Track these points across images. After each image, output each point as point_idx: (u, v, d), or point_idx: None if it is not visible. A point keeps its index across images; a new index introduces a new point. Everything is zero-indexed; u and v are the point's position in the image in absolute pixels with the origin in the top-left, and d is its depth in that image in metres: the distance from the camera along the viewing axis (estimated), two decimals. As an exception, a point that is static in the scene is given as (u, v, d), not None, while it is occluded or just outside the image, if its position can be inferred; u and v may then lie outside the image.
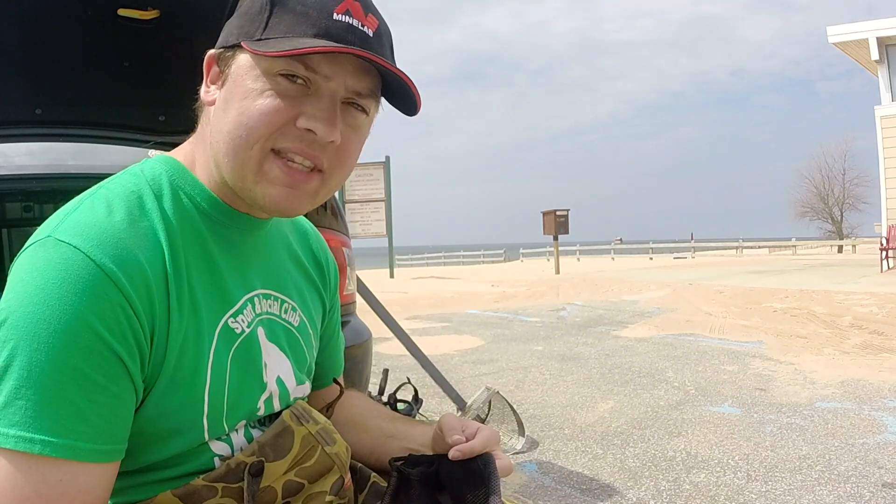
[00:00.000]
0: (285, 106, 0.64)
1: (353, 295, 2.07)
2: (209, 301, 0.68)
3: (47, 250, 0.59)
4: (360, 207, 12.56)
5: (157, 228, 0.65)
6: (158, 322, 0.62)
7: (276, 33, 0.64)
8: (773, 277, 11.55)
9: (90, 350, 0.57)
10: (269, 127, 0.64)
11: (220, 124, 0.67)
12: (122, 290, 0.59)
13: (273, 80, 0.64)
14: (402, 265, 29.39)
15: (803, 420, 3.34)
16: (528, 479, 2.67)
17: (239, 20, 0.68)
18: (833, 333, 5.76)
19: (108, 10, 1.83)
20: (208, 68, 0.70)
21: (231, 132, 0.65)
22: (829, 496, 2.39)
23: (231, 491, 0.66)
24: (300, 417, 0.73)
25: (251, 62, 0.65)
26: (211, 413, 0.67)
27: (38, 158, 2.70)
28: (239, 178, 0.67)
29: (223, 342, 0.69)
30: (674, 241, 37.23)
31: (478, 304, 9.60)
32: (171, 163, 0.72)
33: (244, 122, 0.64)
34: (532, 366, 4.96)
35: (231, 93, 0.66)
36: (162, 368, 0.63)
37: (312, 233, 0.92)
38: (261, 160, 0.65)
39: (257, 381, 0.72)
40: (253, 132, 0.64)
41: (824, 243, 29.49)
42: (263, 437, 0.70)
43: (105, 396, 0.57)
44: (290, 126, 0.65)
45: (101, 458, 0.58)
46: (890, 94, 16.02)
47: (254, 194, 0.67)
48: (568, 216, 15.78)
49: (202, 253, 0.69)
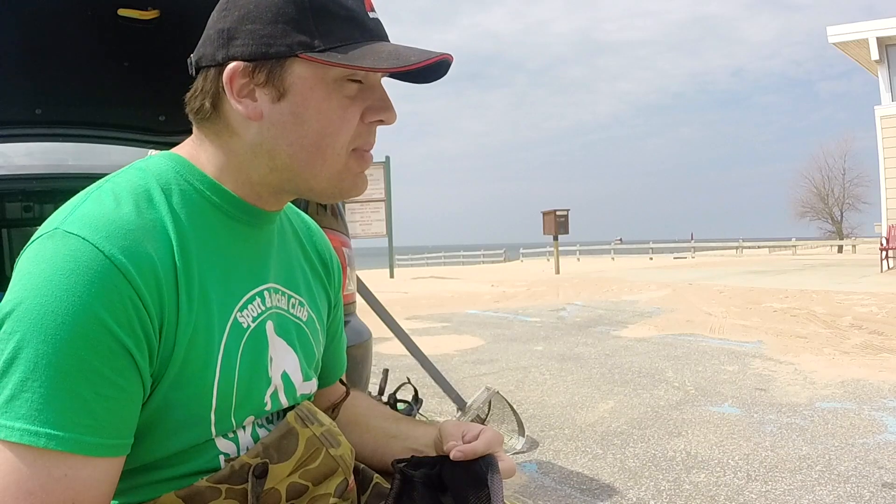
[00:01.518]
0: (356, 107, 0.68)
1: (353, 295, 2.07)
2: (219, 295, 0.68)
3: (55, 242, 0.59)
4: (360, 207, 12.55)
5: (166, 221, 0.64)
6: (168, 315, 0.62)
7: (337, 41, 0.65)
8: (773, 277, 11.55)
9: (98, 342, 0.56)
10: (352, 131, 0.68)
11: (293, 136, 0.67)
12: (131, 283, 0.58)
13: (342, 86, 0.67)
14: (402, 265, 29.39)
15: (803, 420, 3.34)
16: (528, 479, 2.67)
17: (271, 27, 0.64)
18: (833, 333, 5.77)
19: (108, 10, 1.82)
20: (231, 81, 0.66)
21: (316, 143, 0.67)
22: (829, 496, 2.39)
23: (235, 492, 0.66)
24: (305, 419, 0.73)
25: (317, 73, 0.65)
26: (219, 407, 0.66)
27: (38, 158, 2.70)
28: (324, 179, 0.69)
29: (233, 336, 0.68)
30: (674, 241, 37.25)
31: (478, 304, 9.60)
32: (176, 158, 0.71)
33: (330, 132, 0.67)
34: (532, 366, 4.96)
35: (302, 105, 0.66)
36: (170, 362, 0.62)
37: (316, 229, 0.92)
38: (347, 160, 0.69)
39: (263, 375, 0.72)
40: (339, 139, 0.67)
41: (824, 243, 29.48)
42: (268, 439, 0.70)
43: (112, 390, 0.57)
44: (362, 125, 0.69)
45: (107, 453, 0.57)
46: (890, 94, 16.02)
47: (339, 189, 0.71)
48: (568, 216, 15.79)
49: (212, 246, 0.68)
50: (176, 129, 2.26)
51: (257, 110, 0.66)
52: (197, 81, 0.70)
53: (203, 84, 0.69)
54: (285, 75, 0.65)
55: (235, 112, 0.67)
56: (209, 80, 0.68)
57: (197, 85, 0.70)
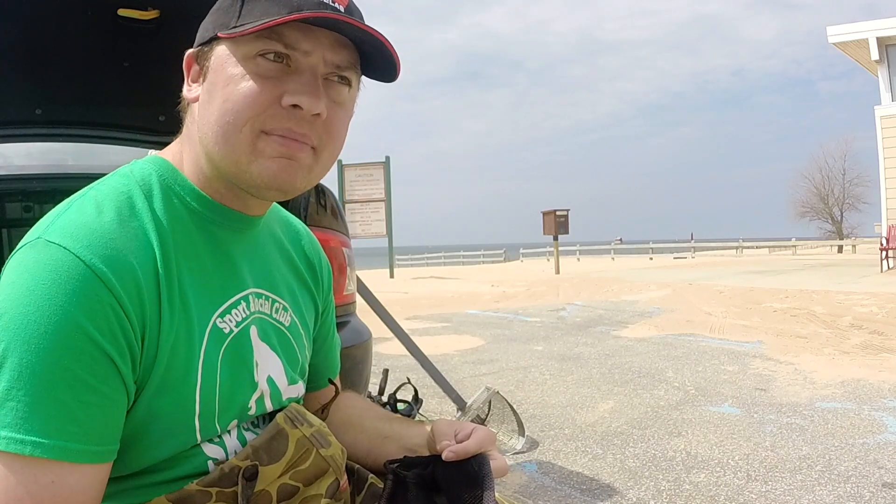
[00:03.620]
0: (268, 86, 0.65)
1: (353, 295, 2.06)
2: (200, 300, 0.68)
3: (37, 252, 0.59)
4: (360, 207, 12.56)
5: (148, 229, 0.65)
6: (149, 322, 0.62)
7: (251, 18, 0.65)
8: (773, 277, 11.55)
9: (81, 351, 0.56)
10: (255, 108, 0.64)
11: (206, 115, 0.67)
12: (112, 291, 0.59)
13: (253, 63, 0.65)
14: (402, 265, 29.38)
15: (803, 420, 3.34)
16: (528, 479, 2.67)
17: (212, 16, 0.70)
18: (833, 333, 5.76)
19: (108, 10, 1.82)
20: (188, 68, 0.72)
21: (219, 119, 0.66)
22: (829, 496, 2.39)
23: (225, 495, 0.66)
24: (294, 420, 0.73)
25: (228, 50, 0.67)
26: (202, 413, 0.67)
27: (37, 158, 2.70)
28: (232, 163, 0.67)
29: (213, 342, 0.69)
30: (674, 241, 37.23)
31: (478, 304, 9.60)
32: (160, 163, 0.73)
33: (230, 108, 0.65)
34: (532, 366, 4.96)
35: (213, 83, 0.67)
36: (153, 369, 0.63)
37: (305, 234, 0.91)
38: (253, 141, 0.65)
39: (248, 380, 0.72)
40: (240, 115, 0.65)
41: (824, 243, 29.47)
42: (257, 441, 0.70)
43: (96, 397, 0.57)
44: (276, 106, 0.65)
45: (93, 459, 0.58)
46: (890, 94, 16.02)
47: (250, 174, 0.67)
48: (568, 216, 15.78)
49: (193, 252, 0.69)
50: (176, 129, 2.26)
51: (194, 94, 0.70)
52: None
53: None
54: (209, 56, 0.68)
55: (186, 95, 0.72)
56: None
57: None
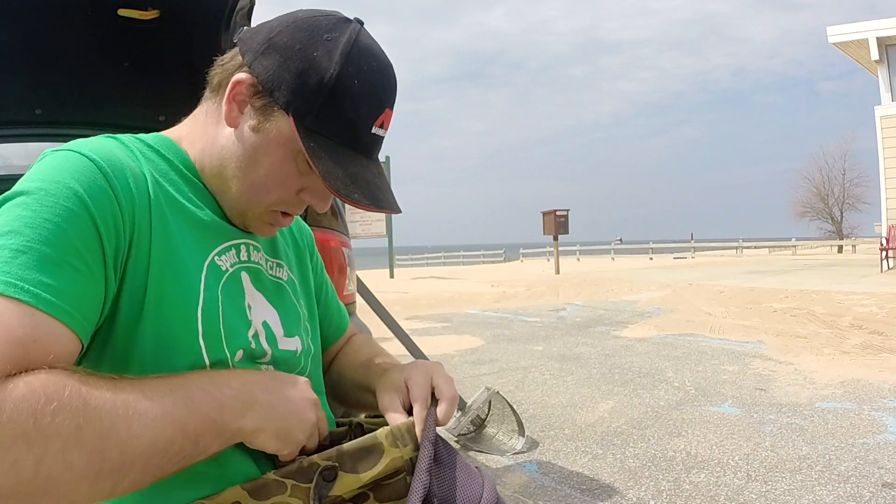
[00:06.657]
0: (298, 182, 0.74)
1: (353, 295, 2.06)
2: (194, 242, 0.71)
3: (58, 153, 0.66)
4: (360, 207, 12.54)
5: (144, 169, 0.70)
6: (139, 236, 0.65)
7: (326, 132, 0.70)
8: (773, 277, 11.55)
9: (76, 216, 0.60)
10: (282, 195, 0.75)
11: (241, 167, 0.73)
12: (112, 187, 0.64)
13: (298, 158, 0.72)
14: (402, 265, 29.39)
15: (803, 420, 3.34)
16: (528, 479, 2.67)
17: (292, 77, 0.69)
18: (833, 333, 5.77)
19: (108, 10, 1.83)
20: (243, 94, 0.72)
21: (253, 185, 0.74)
22: (829, 496, 2.39)
23: (300, 490, 0.65)
24: (399, 439, 0.70)
25: (288, 135, 0.70)
26: (206, 333, 0.67)
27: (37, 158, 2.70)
28: (238, 206, 0.76)
29: (212, 275, 0.71)
30: (674, 242, 37.25)
31: (478, 304, 9.60)
32: (159, 136, 0.77)
33: (264, 183, 0.73)
34: (532, 366, 4.96)
35: (262, 143, 0.72)
36: (146, 290, 0.64)
37: None
38: (265, 212, 0.76)
39: (243, 316, 0.74)
40: (269, 197, 0.74)
41: (824, 243, 29.46)
42: (347, 445, 0.68)
43: (79, 262, 0.59)
44: (293, 195, 0.75)
45: (64, 318, 0.56)
46: (890, 94, 16.03)
47: (244, 221, 0.78)
48: (568, 216, 15.79)
49: (184, 202, 0.73)
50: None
51: (235, 120, 0.73)
52: (230, 52, 0.75)
53: (230, 61, 0.74)
54: (271, 117, 0.71)
55: (223, 106, 0.73)
56: (232, 65, 0.73)
57: (226, 57, 0.75)
